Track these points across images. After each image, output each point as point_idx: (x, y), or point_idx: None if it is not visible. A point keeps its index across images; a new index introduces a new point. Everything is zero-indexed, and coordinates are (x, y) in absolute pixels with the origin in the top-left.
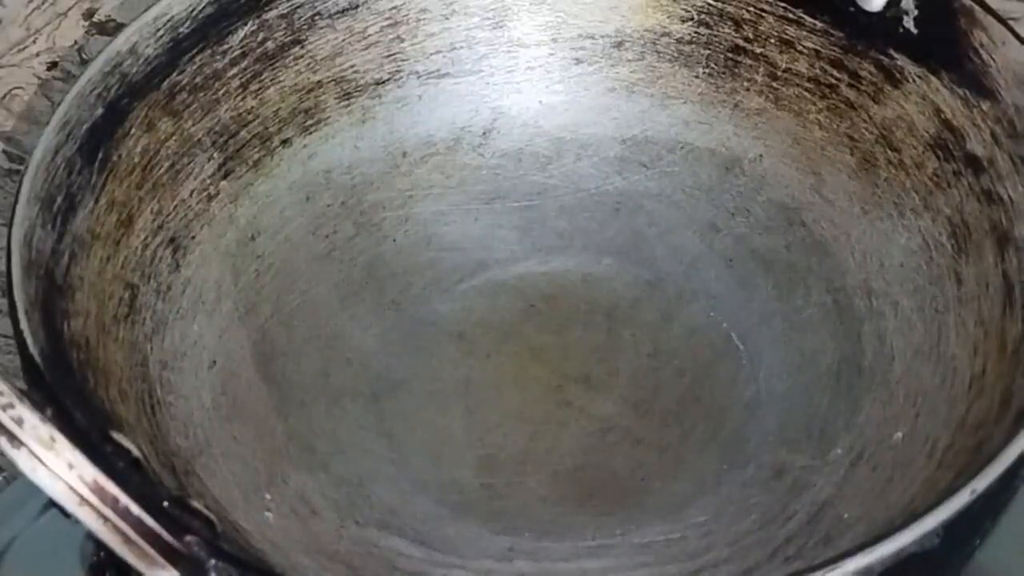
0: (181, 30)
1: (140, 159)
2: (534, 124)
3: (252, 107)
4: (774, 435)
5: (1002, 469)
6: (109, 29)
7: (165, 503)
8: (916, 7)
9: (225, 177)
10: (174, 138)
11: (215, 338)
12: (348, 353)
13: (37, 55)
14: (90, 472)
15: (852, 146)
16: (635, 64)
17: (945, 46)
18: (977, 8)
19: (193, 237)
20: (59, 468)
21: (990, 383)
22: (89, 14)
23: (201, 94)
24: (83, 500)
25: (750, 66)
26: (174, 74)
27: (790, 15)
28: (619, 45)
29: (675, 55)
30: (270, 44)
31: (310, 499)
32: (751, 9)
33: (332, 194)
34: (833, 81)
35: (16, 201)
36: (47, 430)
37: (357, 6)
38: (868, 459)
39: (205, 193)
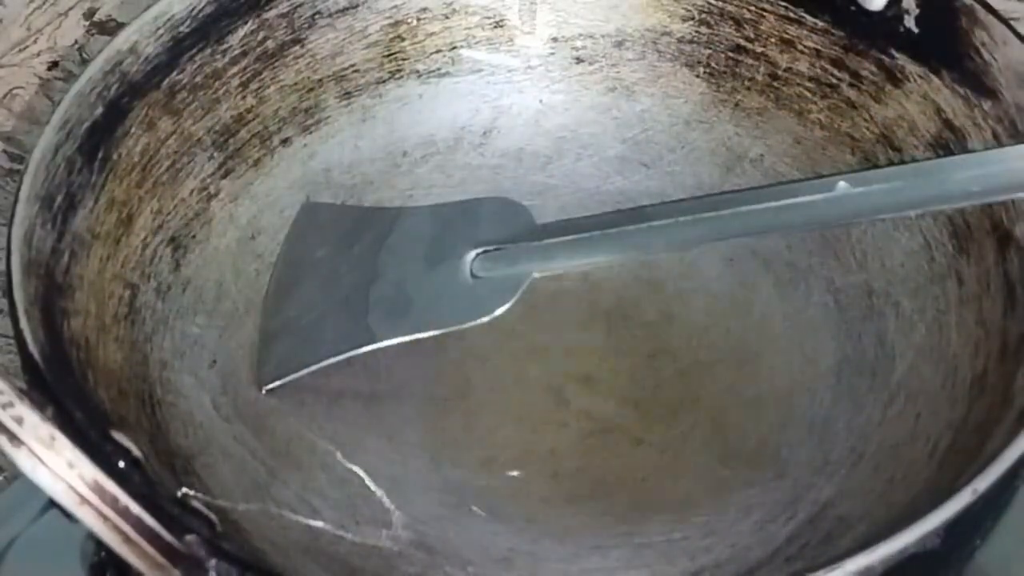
0: (181, 29)
1: (140, 158)
2: (534, 123)
3: (252, 106)
4: (775, 435)
5: (1003, 469)
6: (110, 28)
7: (165, 503)
8: (917, 6)
9: (225, 176)
10: (174, 137)
11: (215, 338)
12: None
13: (38, 55)
14: (90, 471)
15: (853, 145)
16: (636, 63)
17: (946, 45)
18: (978, 7)
19: (193, 236)
20: (59, 467)
21: (991, 383)
22: (90, 13)
23: (201, 93)
24: (83, 499)
25: (751, 65)
26: (174, 73)
27: (791, 14)
28: (620, 44)
29: (676, 54)
30: (270, 43)
31: (310, 499)
32: (752, 8)
33: (332, 193)
34: (834, 80)
35: (16, 200)
36: (47, 429)
37: (357, 5)
38: (869, 459)
39: (205, 192)
